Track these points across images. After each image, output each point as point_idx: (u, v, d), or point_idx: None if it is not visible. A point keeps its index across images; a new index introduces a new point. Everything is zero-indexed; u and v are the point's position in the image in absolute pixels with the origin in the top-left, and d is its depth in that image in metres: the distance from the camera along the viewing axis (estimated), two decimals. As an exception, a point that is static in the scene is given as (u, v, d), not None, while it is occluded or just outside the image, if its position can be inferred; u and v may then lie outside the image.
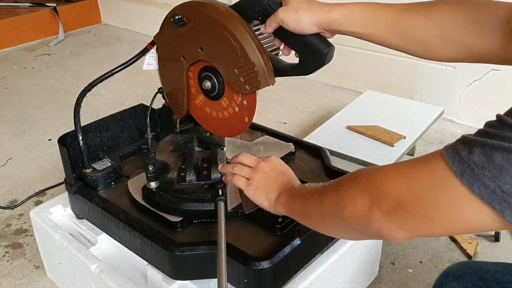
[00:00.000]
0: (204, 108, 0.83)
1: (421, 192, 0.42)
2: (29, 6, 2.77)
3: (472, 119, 1.65)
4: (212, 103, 0.81)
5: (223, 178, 0.76)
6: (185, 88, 0.83)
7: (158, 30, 0.82)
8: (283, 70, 0.73)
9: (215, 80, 0.77)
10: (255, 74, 0.70)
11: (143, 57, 0.85)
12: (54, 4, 2.73)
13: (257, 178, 0.68)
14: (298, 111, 1.82)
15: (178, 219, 0.79)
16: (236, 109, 0.78)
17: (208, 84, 0.78)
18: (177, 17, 0.75)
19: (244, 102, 0.76)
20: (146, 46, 0.84)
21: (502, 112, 0.40)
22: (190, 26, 0.75)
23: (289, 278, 0.75)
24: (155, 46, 0.84)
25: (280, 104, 1.88)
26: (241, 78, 0.72)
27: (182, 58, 0.79)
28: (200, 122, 0.87)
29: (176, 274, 0.76)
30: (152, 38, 0.83)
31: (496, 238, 1.12)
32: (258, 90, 0.73)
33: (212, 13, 0.72)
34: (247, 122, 0.78)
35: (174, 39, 0.79)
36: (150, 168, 0.82)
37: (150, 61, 0.86)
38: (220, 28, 0.71)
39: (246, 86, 0.72)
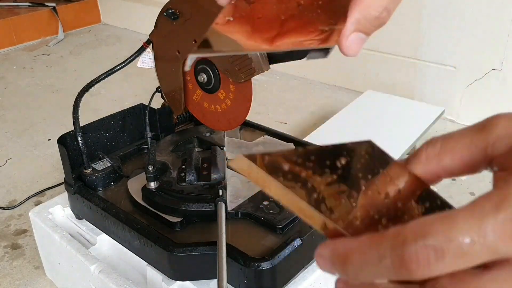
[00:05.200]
0: (202, 103, 0.83)
1: None
2: (29, 5, 2.76)
3: (473, 119, 1.64)
4: (210, 96, 0.81)
5: None
6: (182, 84, 0.83)
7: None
8: (278, 56, 0.73)
9: (211, 72, 0.78)
10: (249, 61, 0.71)
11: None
12: (54, 4, 2.73)
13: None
14: (298, 111, 1.82)
15: (178, 219, 0.79)
16: (233, 99, 0.78)
17: (204, 77, 0.78)
18: (170, 11, 0.75)
19: (240, 91, 0.76)
20: (142, 45, 0.84)
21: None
22: (183, 19, 0.75)
23: (289, 278, 0.75)
24: (151, 44, 0.84)
25: (280, 104, 1.87)
26: (235, 66, 0.72)
27: (177, 53, 0.79)
28: (198, 118, 0.87)
29: (176, 274, 0.76)
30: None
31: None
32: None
33: (204, 3, 0.72)
34: (245, 113, 0.78)
35: (168, 34, 0.79)
36: (150, 168, 0.82)
37: (145, 59, 0.86)
38: (211, 18, 0.71)
39: (241, 74, 0.72)
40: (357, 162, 0.28)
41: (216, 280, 0.64)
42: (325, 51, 0.34)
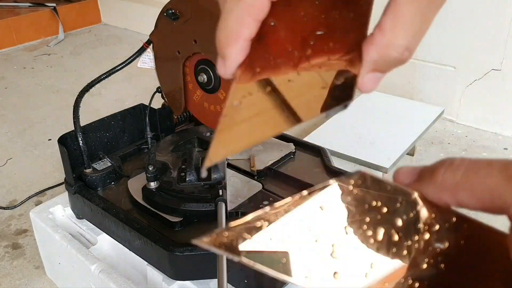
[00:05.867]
0: (202, 103, 0.83)
1: None
2: (29, 6, 2.76)
3: (472, 119, 1.65)
4: (210, 97, 0.81)
5: None
6: (182, 84, 0.83)
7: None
8: None
9: (211, 73, 0.78)
10: None
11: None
12: (54, 4, 2.73)
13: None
14: (298, 111, 1.82)
15: (178, 219, 0.79)
16: None
17: (204, 77, 0.78)
18: (170, 11, 0.76)
19: None
20: (143, 46, 0.85)
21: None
22: (183, 19, 0.75)
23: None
24: (151, 45, 0.84)
25: (280, 104, 1.87)
26: None
27: (177, 53, 0.80)
28: (199, 118, 0.87)
29: (176, 274, 0.76)
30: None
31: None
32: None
33: (204, 3, 0.72)
34: None
35: (168, 34, 0.79)
36: (150, 168, 0.82)
37: (145, 59, 0.86)
38: (211, 18, 0.71)
39: None
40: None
41: (216, 280, 0.64)
42: (344, 105, 0.31)
